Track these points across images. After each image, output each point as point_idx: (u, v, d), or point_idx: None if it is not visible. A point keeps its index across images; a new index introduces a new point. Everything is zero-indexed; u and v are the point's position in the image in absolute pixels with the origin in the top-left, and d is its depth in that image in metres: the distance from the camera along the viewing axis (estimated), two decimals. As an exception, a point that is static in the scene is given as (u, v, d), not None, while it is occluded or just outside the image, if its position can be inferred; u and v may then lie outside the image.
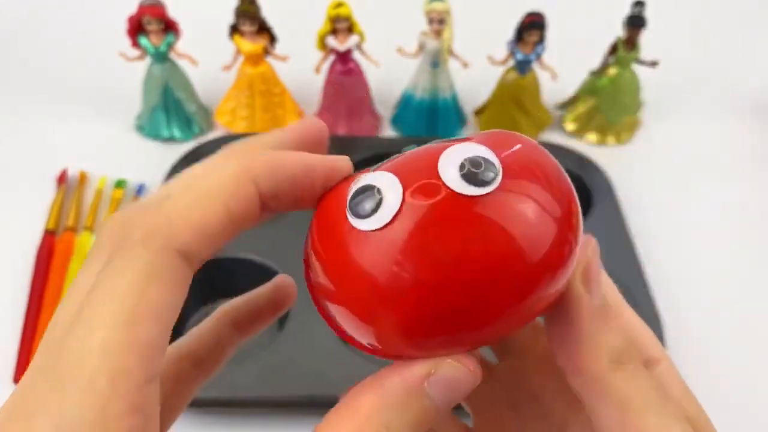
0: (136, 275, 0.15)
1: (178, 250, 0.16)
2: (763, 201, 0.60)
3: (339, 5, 0.56)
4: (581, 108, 0.65)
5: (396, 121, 0.65)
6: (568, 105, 0.66)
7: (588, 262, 0.19)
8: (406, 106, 0.64)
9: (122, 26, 0.57)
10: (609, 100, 0.63)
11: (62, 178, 0.58)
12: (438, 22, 0.57)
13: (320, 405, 0.42)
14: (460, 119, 0.65)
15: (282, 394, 0.41)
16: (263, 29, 0.59)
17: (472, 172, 0.15)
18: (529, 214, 0.15)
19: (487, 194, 0.15)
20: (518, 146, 0.16)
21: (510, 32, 0.59)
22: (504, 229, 0.14)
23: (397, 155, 0.17)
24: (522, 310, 0.15)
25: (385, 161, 0.17)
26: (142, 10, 0.56)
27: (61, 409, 0.13)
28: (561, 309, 0.19)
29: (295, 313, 0.45)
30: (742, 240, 0.57)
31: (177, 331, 0.49)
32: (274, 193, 0.17)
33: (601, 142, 0.65)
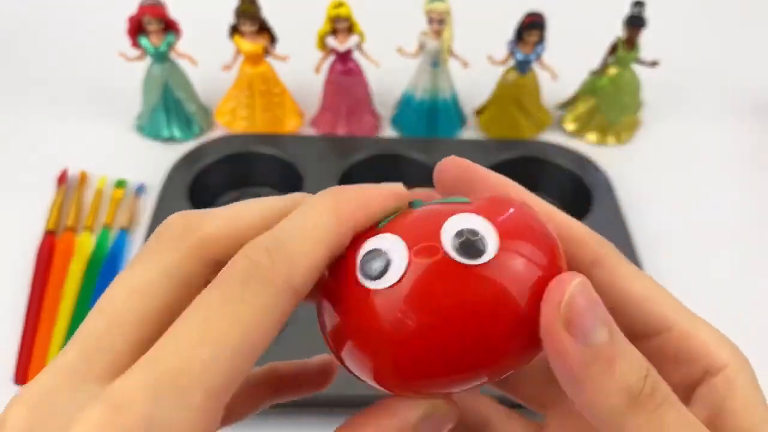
0: (263, 312, 0.16)
1: (296, 290, 0.17)
2: (763, 201, 0.60)
3: (339, 5, 0.56)
4: (581, 108, 0.65)
5: (396, 121, 0.65)
6: (568, 105, 0.66)
7: (568, 302, 0.16)
8: (406, 106, 0.64)
9: (122, 26, 0.57)
10: (609, 100, 0.63)
11: (62, 178, 0.58)
12: (438, 22, 0.57)
13: (320, 405, 0.42)
14: (460, 119, 0.65)
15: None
16: (263, 29, 0.59)
17: (467, 247, 0.17)
18: (512, 283, 0.17)
19: (480, 265, 0.17)
20: (510, 212, 0.18)
21: (510, 32, 0.59)
22: (492, 295, 0.17)
23: (402, 211, 0.19)
24: (503, 362, 0.18)
25: (390, 218, 0.19)
26: (143, 10, 0.56)
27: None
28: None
29: (296, 315, 0.45)
30: (741, 239, 0.57)
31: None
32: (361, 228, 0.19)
33: (601, 142, 0.65)
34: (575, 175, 0.57)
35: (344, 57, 0.60)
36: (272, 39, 0.60)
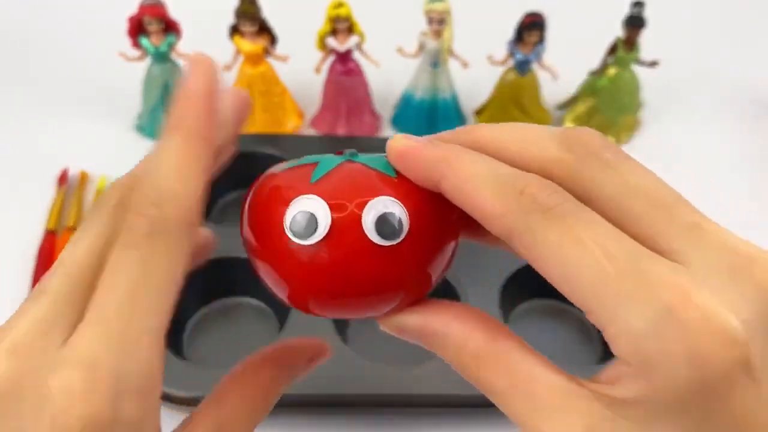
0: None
1: (190, 223, 0.20)
2: (763, 200, 0.61)
3: (339, 5, 0.56)
4: (581, 108, 0.65)
5: (396, 121, 0.65)
6: (567, 105, 0.66)
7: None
8: (406, 106, 0.64)
9: (123, 26, 0.57)
10: (608, 100, 0.63)
11: (63, 178, 0.58)
12: (438, 22, 0.57)
13: (320, 404, 0.42)
14: (459, 119, 0.65)
15: (282, 392, 0.41)
16: (263, 30, 0.59)
17: (383, 231, 0.21)
18: (411, 264, 0.22)
19: (389, 245, 0.21)
20: (422, 196, 0.22)
21: (510, 32, 0.59)
22: (391, 267, 0.21)
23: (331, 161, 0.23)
24: (383, 304, 0.23)
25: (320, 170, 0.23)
26: (143, 10, 0.56)
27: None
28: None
29: (295, 315, 0.45)
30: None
31: (178, 330, 0.49)
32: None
33: (601, 142, 0.65)
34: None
35: (344, 57, 0.60)
36: (272, 39, 0.60)
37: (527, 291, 0.48)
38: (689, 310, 0.16)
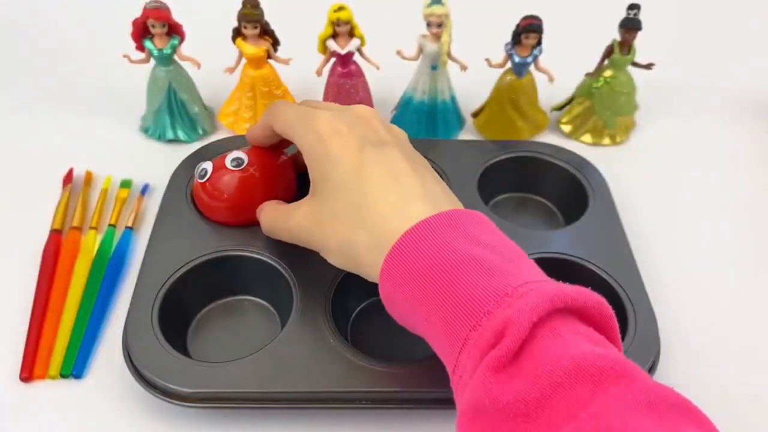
0: None
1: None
2: (759, 201, 0.61)
3: (340, 9, 0.57)
4: (577, 110, 0.66)
5: (396, 122, 0.66)
6: (563, 107, 0.67)
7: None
8: (405, 107, 0.65)
9: (127, 29, 0.58)
10: (604, 102, 0.64)
11: (68, 178, 0.59)
12: (437, 25, 0.57)
13: (320, 402, 0.42)
14: (459, 121, 0.66)
15: (282, 391, 0.42)
16: (266, 33, 0.60)
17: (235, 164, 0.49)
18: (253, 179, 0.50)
19: (237, 170, 0.49)
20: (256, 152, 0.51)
21: (507, 35, 0.60)
22: (243, 183, 0.50)
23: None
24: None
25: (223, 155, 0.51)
26: (147, 13, 0.57)
27: None
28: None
29: (296, 313, 0.46)
30: (736, 240, 0.58)
31: (182, 328, 0.50)
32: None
33: (597, 143, 0.66)
34: (571, 175, 0.58)
35: (345, 60, 0.61)
36: (275, 42, 0.61)
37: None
38: (315, 121, 0.44)
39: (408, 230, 0.36)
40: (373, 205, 0.38)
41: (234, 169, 0.49)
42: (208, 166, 0.50)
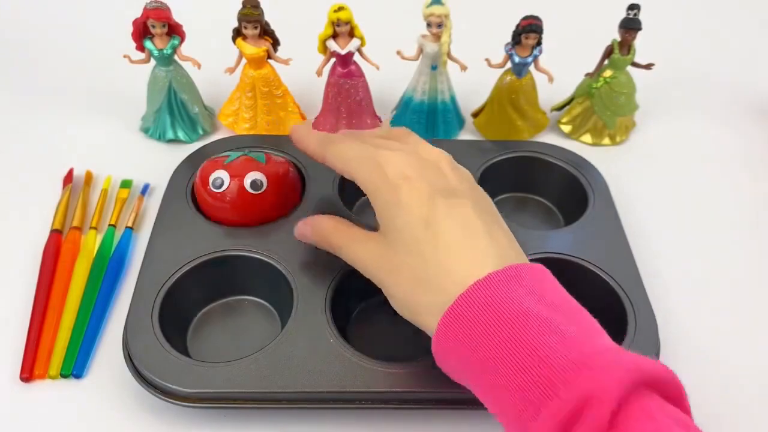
0: None
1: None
2: (759, 200, 0.61)
3: (340, 9, 0.57)
4: (577, 110, 0.66)
5: (396, 122, 0.66)
6: (563, 107, 0.67)
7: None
8: (405, 108, 0.65)
9: (128, 29, 0.58)
10: (604, 102, 0.64)
11: (68, 178, 0.59)
12: (437, 25, 0.58)
13: (320, 402, 0.42)
14: (459, 121, 0.66)
15: (282, 391, 0.42)
16: (266, 33, 0.60)
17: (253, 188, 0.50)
18: (267, 203, 0.52)
19: (257, 193, 0.51)
20: (277, 171, 0.53)
21: (507, 35, 0.60)
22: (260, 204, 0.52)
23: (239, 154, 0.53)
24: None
25: (233, 158, 0.52)
26: (147, 13, 0.57)
27: None
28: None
29: (296, 313, 0.46)
30: (737, 239, 0.58)
31: (182, 328, 0.50)
32: None
33: (597, 144, 0.66)
34: (571, 175, 0.58)
35: (345, 60, 0.61)
36: (275, 42, 0.61)
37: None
38: (385, 164, 0.41)
39: (472, 285, 0.34)
40: (442, 265, 0.36)
41: (254, 192, 0.51)
42: (224, 176, 0.51)
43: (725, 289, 0.53)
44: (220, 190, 0.51)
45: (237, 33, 0.60)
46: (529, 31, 0.58)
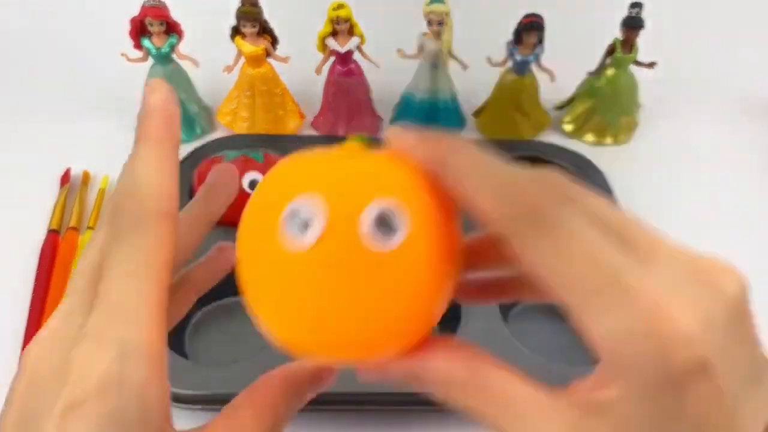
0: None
1: (164, 213, 0.22)
2: (761, 200, 0.61)
3: (339, 7, 0.57)
4: (579, 109, 0.65)
5: (396, 121, 0.66)
6: (565, 106, 0.67)
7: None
8: (406, 106, 0.64)
9: (125, 27, 0.58)
10: (606, 101, 0.64)
11: (65, 178, 0.58)
12: (438, 23, 0.57)
13: (320, 402, 0.42)
14: (460, 120, 0.66)
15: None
16: (264, 31, 0.59)
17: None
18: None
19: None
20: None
21: (509, 34, 0.60)
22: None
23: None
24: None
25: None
26: (145, 11, 0.57)
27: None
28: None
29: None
30: (738, 239, 0.57)
31: (180, 329, 0.50)
32: None
33: (599, 143, 0.66)
34: (574, 175, 0.58)
35: (345, 58, 0.60)
36: (273, 41, 0.60)
37: None
38: (660, 317, 0.18)
39: None
40: None
41: (251, 192, 0.49)
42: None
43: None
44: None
45: (235, 31, 0.59)
46: (530, 28, 0.58)
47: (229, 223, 0.43)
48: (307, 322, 0.19)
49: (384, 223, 0.18)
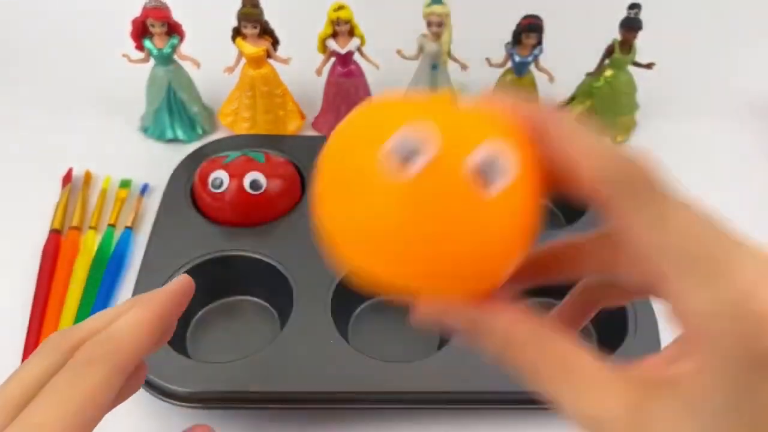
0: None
1: (121, 368, 0.24)
2: (761, 200, 0.61)
3: (340, 8, 0.57)
4: (578, 109, 0.66)
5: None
6: (564, 106, 0.67)
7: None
8: (405, 107, 0.64)
9: (127, 28, 0.58)
10: (605, 101, 0.64)
11: (68, 178, 0.59)
12: (437, 24, 0.57)
13: (319, 401, 0.42)
14: (459, 120, 0.66)
15: (282, 390, 0.42)
16: (265, 32, 0.60)
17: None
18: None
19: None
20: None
21: (508, 35, 0.60)
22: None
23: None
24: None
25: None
26: (146, 12, 0.57)
27: None
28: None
29: (296, 313, 0.45)
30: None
31: (182, 328, 0.50)
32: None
33: (598, 143, 0.66)
34: (572, 175, 0.58)
35: (345, 59, 0.60)
36: (274, 42, 0.61)
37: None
38: (756, 299, 0.18)
39: None
40: None
41: (253, 193, 0.50)
42: (223, 176, 0.50)
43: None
44: (219, 190, 0.50)
45: (236, 32, 0.60)
46: (529, 30, 0.58)
47: (229, 223, 0.43)
48: (394, 249, 0.19)
49: (488, 167, 0.18)
